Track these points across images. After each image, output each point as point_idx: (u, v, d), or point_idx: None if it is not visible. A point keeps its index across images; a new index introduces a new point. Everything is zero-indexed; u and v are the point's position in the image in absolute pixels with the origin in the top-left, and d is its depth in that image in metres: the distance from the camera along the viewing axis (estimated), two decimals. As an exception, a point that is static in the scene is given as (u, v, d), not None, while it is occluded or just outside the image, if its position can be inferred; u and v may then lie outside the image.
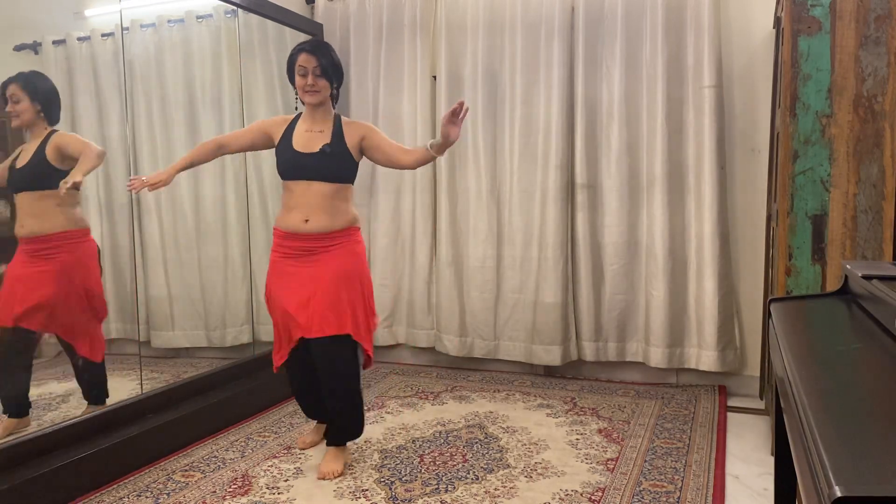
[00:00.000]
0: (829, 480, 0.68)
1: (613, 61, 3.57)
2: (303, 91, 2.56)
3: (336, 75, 2.59)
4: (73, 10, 3.15)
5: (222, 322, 3.75)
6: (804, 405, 0.93)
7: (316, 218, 2.53)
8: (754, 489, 2.43)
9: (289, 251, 2.58)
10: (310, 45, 2.57)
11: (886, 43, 2.31)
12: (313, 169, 2.53)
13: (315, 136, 2.58)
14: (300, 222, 2.54)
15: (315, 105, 2.58)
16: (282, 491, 2.45)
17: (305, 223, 2.54)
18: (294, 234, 2.56)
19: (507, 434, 2.96)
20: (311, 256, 2.56)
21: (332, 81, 2.58)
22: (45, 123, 2.72)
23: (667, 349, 3.53)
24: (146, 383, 3.03)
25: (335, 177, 2.55)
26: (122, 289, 3.28)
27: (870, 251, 2.35)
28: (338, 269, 2.55)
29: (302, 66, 2.52)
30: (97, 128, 3.18)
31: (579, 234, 3.69)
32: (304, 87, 2.54)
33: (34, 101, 2.67)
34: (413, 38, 3.93)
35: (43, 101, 2.70)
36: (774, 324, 1.51)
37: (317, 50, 2.54)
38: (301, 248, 2.56)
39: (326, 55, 2.54)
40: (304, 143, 2.57)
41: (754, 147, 3.46)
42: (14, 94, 2.65)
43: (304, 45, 2.58)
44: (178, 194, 3.61)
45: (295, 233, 2.56)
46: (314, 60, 2.51)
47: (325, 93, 2.57)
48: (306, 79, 2.53)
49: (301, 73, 2.53)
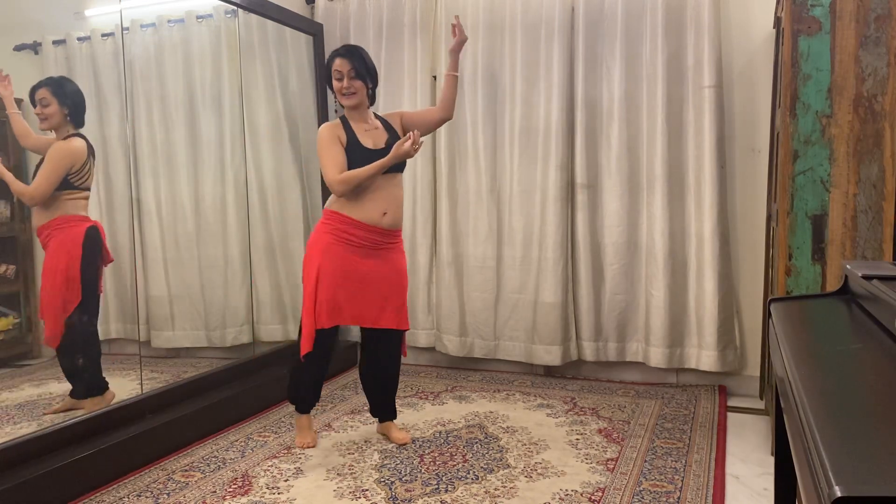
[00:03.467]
0: (829, 480, 0.68)
1: (613, 61, 3.57)
2: (340, 95, 2.72)
3: (370, 76, 2.75)
4: (73, 10, 3.15)
5: (222, 322, 3.75)
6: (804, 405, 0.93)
7: (392, 212, 2.71)
8: (754, 489, 2.43)
9: (356, 240, 2.69)
10: (343, 49, 2.74)
11: (886, 43, 2.31)
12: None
13: (374, 133, 2.75)
14: (378, 215, 2.68)
15: (354, 106, 2.73)
16: (282, 491, 2.45)
17: (383, 216, 2.69)
18: (368, 226, 2.69)
19: (507, 434, 2.96)
20: (377, 251, 2.72)
21: (367, 82, 2.73)
22: (71, 126, 2.81)
23: (667, 349, 3.53)
24: (146, 383, 3.03)
25: (403, 166, 2.75)
26: (122, 289, 3.28)
27: (870, 251, 2.35)
28: (403, 267, 2.82)
29: (337, 70, 2.70)
30: (97, 128, 3.18)
31: (579, 234, 3.69)
32: (340, 90, 2.71)
33: (63, 105, 2.78)
34: (413, 38, 3.93)
35: (70, 105, 2.81)
36: (774, 324, 1.51)
37: (349, 54, 2.70)
38: (372, 242, 2.71)
39: (359, 58, 2.71)
40: (371, 141, 2.72)
41: (754, 147, 3.46)
42: (44, 97, 2.75)
43: (338, 50, 2.74)
44: (178, 194, 3.61)
45: (371, 224, 2.68)
46: (348, 64, 2.68)
47: (362, 93, 2.72)
48: (342, 82, 2.69)
49: (337, 77, 2.71)
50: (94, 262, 2.90)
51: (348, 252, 2.69)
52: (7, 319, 2.94)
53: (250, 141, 3.73)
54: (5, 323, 2.93)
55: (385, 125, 2.81)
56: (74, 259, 2.85)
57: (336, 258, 2.68)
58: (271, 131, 3.91)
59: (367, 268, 2.71)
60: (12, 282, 2.94)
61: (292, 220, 4.05)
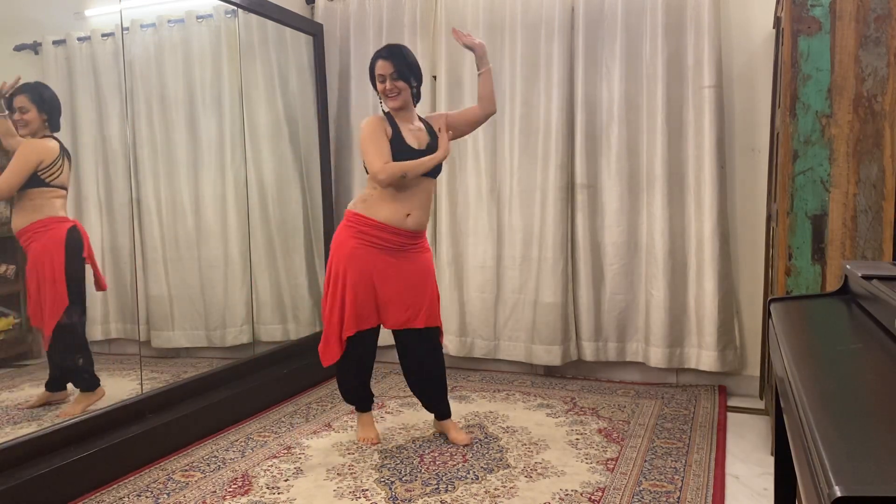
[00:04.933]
0: (829, 480, 0.68)
1: (613, 61, 3.57)
2: (385, 96, 2.70)
3: (414, 75, 2.72)
4: (73, 10, 3.15)
5: (222, 322, 3.75)
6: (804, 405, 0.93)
7: (416, 214, 2.69)
8: (754, 489, 2.43)
9: (380, 242, 2.68)
10: (385, 51, 2.72)
11: (886, 43, 2.31)
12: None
13: (418, 134, 2.73)
14: (402, 217, 2.67)
15: (399, 108, 2.70)
16: (282, 491, 2.45)
17: (407, 218, 2.68)
18: (392, 227, 2.67)
19: (507, 434, 2.96)
20: (403, 252, 2.71)
21: (412, 82, 2.71)
22: (48, 131, 2.81)
23: (667, 349, 3.53)
24: (146, 383, 3.03)
25: (438, 171, 2.74)
26: (122, 289, 3.28)
27: (870, 251, 2.35)
28: (429, 266, 2.82)
29: (380, 73, 2.68)
30: (97, 128, 3.18)
31: (579, 234, 3.69)
32: (384, 92, 2.69)
33: (41, 111, 2.79)
34: (413, 38, 3.92)
35: (48, 110, 2.82)
36: (774, 324, 1.51)
37: (391, 55, 2.68)
38: (397, 244, 2.70)
39: (401, 58, 2.68)
40: (416, 141, 2.70)
41: (754, 147, 3.46)
42: (23, 105, 2.76)
43: (380, 51, 2.72)
44: (178, 194, 3.61)
45: (395, 227, 2.67)
46: (390, 66, 2.66)
47: (406, 94, 2.70)
48: (385, 84, 2.67)
49: (380, 80, 2.68)
50: (77, 263, 2.90)
51: (373, 255, 2.67)
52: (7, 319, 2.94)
53: (250, 141, 3.73)
54: (5, 323, 2.93)
55: (427, 127, 2.78)
56: (58, 262, 2.85)
57: (362, 262, 2.67)
58: (271, 131, 3.91)
59: (393, 270, 2.69)
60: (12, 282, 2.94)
61: (292, 220, 4.05)
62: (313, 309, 4.14)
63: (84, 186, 3.20)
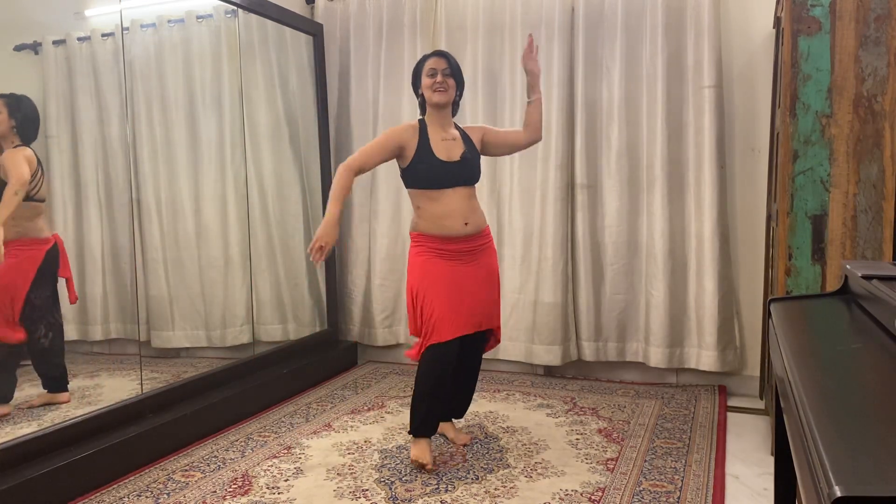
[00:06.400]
0: (829, 480, 0.68)
1: (613, 61, 3.58)
2: (432, 90, 2.67)
3: (461, 81, 2.75)
4: (73, 10, 3.15)
5: (222, 322, 3.75)
6: (804, 405, 0.93)
7: (471, 219, 2.70)
8: (754, 489, 2.43)
9: (448, 253, 2.68)
10: (437, 51, 2.76)
11: (886, 43, 2.31)
12: (460, 176, 2.67)
13: (451, 145, 2.71)
14: (460, 226, 2.67)
15: (442, 105, 2.68)
16: (282, 491, 2.45)
17: (465, 226, 2.68)
18: (455, 238, 2.67)
19: (507, 434, 2.96)
20: (470, 255, 2.71)
21: (459, 84, 2.73)
22: (16, 139, 2.79)
23: (667, 349, 3.53)
24: (146, 383, 3.03)
25: (475, 179, 2.74)
26: (122, 289, 3.28)
27: (870, 251, 2.35)
28: (495, 268, 2.83)
29: (432, 67, 2.68)
30: (97, 128, 3.18)
31: (579, 234, 3.69)
32: (432, 85, 2.67)
33: (11, 117, 2.79)
34: (413, 38, 3.93)
35: (20, 118, 2.81)
36: (774, 324, 1.51)
37: (444, 55, 2.71)
38: (463, 250, 2.70)
39: (453, 60, 2.73)
40: (445, 152, 2.68)
41: (754, 147, 3.46)
42: None
43: (432, 52, 2.76)
44: (178, 194, 3.61)
45: (456, 237, 2.67)
46: (444, 62, 2.68)
47: (452, 92, 2.70)
48: (435, 78, 2.66)
49: (430, 74, 2.68)
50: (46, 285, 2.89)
51: (446, 263, 2.66)
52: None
53: (250, 141, 3.73)
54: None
55: (464, 137, 2.76)
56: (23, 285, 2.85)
57: (438, 271, 2.64)
58: (271, 131, 3.91)
59: (465, 273, 2.68)
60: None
61: (292, 220, 4.05)
62: (313, 309, 4.14)
63: (84, 187, 3.20)
